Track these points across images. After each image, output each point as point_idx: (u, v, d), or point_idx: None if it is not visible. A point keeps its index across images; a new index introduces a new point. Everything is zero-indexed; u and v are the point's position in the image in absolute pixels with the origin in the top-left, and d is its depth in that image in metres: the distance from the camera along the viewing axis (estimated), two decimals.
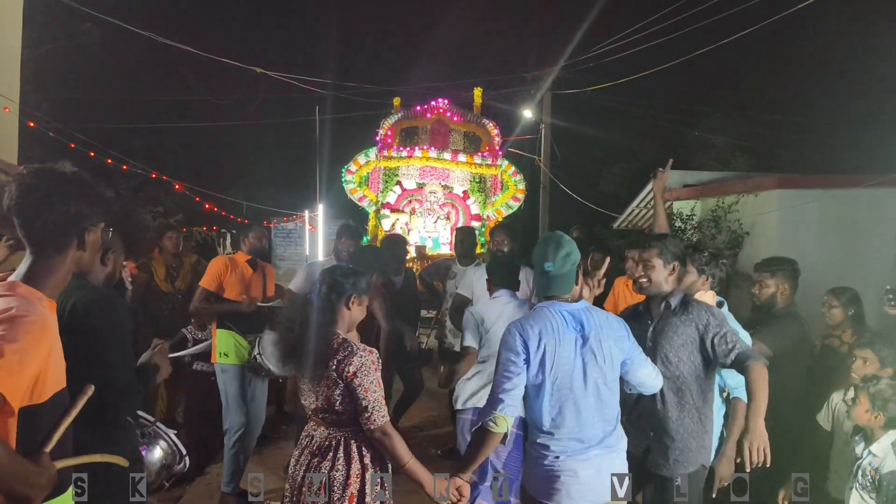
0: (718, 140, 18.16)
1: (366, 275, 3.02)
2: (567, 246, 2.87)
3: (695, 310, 3.18)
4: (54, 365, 1.83)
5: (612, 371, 2.81)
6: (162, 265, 6.42)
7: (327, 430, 2.81)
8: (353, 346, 2.76)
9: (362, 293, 2.93)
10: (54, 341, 1.84)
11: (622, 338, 2.88)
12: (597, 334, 2.79)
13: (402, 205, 12.26)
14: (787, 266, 4.32)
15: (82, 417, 2.22)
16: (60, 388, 1.87)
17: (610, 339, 2.82)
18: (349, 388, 2.70)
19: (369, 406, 2.69)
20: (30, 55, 12.12)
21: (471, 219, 12.17)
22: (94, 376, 2.22)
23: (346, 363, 2.70)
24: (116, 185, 16.16)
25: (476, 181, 12.41)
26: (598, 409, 2.77)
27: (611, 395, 2.81)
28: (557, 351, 2.74)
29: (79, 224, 1.93)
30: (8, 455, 1.66)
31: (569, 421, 2.73)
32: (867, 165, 9.31)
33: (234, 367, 4.91)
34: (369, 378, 2.71)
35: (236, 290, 4.97)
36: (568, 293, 2.87)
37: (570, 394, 2.74)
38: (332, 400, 2.73)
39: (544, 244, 2.90)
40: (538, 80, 15.04)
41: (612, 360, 2.80)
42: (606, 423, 2.79)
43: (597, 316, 2.86)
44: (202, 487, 5.23)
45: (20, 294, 1.81)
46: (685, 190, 9.64)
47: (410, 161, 12.20)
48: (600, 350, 2.78)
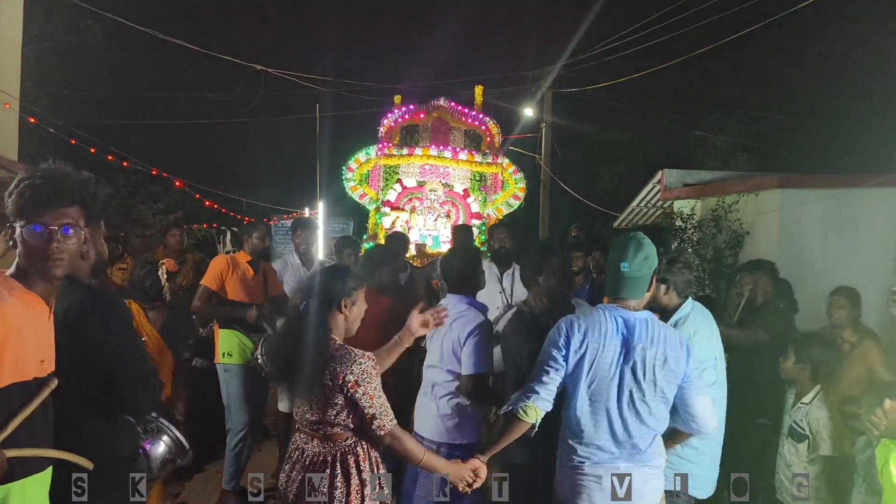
0: (719, 139, 18.15)
1: (352, 272, 2.83)
2: (647, 249, 2.74)
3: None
4: (11, 355, 1.83)
5: (652, 388, 2.65)
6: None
7: (321, 443, 2.66)
8: (350, 353, 2.62)
9: (352, 292, 2.75)
10: (11, 331, 1.84)
11: (678, 359, 2.69)
12: (644, 347, 2.65)
13: (403, 203, 12.25)
14: (762, 266, 4.60)
15: (97, 411, 2.24)
16: (20, 379, 1.87)
17: (660, 355, 2.65)
18: (351, 399, 2.57)
19: (376, 413, 2.57)
20: (31, 51, 12.12)
21: (471, 217, 12.16)
22: (109, 376, 2.25)
23: (345, 371, 2.56)
24: (116, 181, 16.20)
25: (476, 179, 12.39)
26: (632, 423, 2.65)
27: (649, 413, 2.66)
28: (599, 356, 2.66)
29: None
30: None
31: (598, 429, 2.66)
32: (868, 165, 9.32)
33: (237, 367, 4.89)
34: (372, 384, 2.59)
35: (237, 290, 4.93)
36: (638, 298, 2.75)
37: (604, 402, 2.65)
38: (328, 411, 2.59)
39: (624, 243, 2.77)
40: (539, 79, 15.05)
41: (654, 377, 2.65)
42: (641, 438, 2.67)
43: (654, 329, 2.70)
44: (200, 484, 5.23)
45: None
46: (685, 189, 9.64)
47: (411, 159, 12.18)
48: (643, 364, 2.64)
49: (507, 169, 12.46)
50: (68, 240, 1.99)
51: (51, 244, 1.95)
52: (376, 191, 12.16)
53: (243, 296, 4.94)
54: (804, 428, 3.61)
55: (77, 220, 2.01)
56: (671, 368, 2.66)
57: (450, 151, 12.17)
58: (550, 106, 14.98)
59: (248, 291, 4.97)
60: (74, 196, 2.02)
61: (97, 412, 2.27)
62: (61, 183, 2.00)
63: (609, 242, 6.52)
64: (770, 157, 17.48)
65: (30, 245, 1.95)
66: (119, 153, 13.32)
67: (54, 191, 1.98)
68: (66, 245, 1.98)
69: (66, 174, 2.02)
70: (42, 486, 1.98)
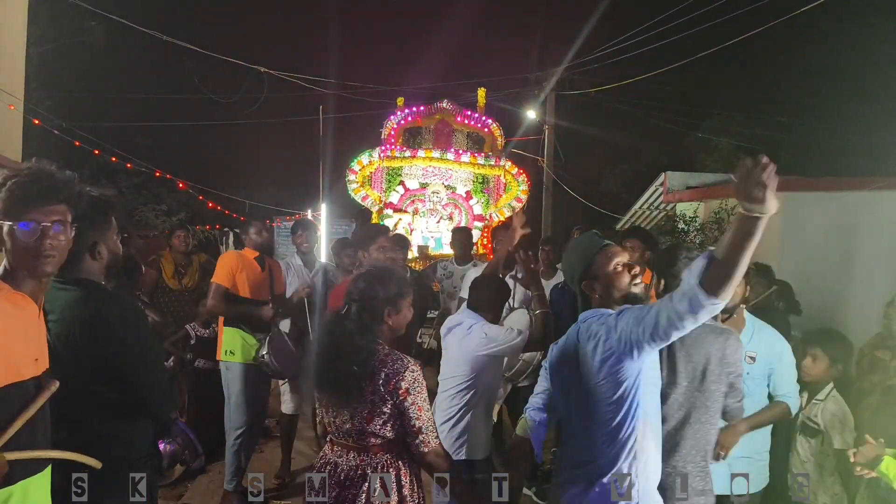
0: (721, 142, 18.16)
1: (400, 277, 2.70)
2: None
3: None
4: (3, 357, 1.83)
5: (591, 379, 2.35)
6: (170, 262, 6.45)
7: (358, 456, 2.49)
8: (403, 360, 2.47)
9: (397, 300, 2.60)
10: (6, 335, 1.84)
11: (599, 333, 2.34)
12: (580, 342, 2.42)
13: (405, 205, 12.26)
14: (755, 269, 4.50)
15: (115, 412, 2.26)
16: (13, 380, 1.87)
17: (589, 340, 2.37)
18: (399, 407, 2.42)
19: (423, 427, 2.43)
20: (34, 53, 12.14)
21: (473, 219, 12.17)
22: (132, 380, 2.28)
23: (398, 378, 2.41)
24: (120, 182, 16.24)
25: (479, 181, 12.41)
26: (579, 432, 2.44)
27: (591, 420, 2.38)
28: (559, 366, 2.55)
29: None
30: None
31: (564, 444, 2.58)
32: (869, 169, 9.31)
33: (239, 365, 4.87)
34: (423, 395, 2.45)
35: (248, 287, 4.87)
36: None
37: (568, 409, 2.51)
38: (374, 420, 2.43)
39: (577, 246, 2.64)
40: (542, 81, 15.07)
41: (591, 366, 2.35)
42: (582, 449, 2.42)
43: (591, 324, 2.42)
44: (204, 485, 5.24)
45: None
46: (688, 192, 9.65)
47: (413, 161, 12.20)
48: (584, 361, 2.40)
49: (510, 171, 12.48)
50: (59, 236, 1.99)
51: (43, 241, 1.95)
52: (379, 193, 12.17)
53: (253, 293, 4.90)
54: (818, 423, 3.59)
55: (65, 218, 2.02)
56: (597, 344, 2.38)
57: (452, 153, 12.19)
58: (553, 108, 15.00)
59: (258, 288, 4.92)
60: (61, 194, 2.02)
61: (115, 413, 2.30)
62: (49, 180, 1.99)
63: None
64: (772, 160, 17.43)
65: (20, 242, 1.94)
66: (123, 154, 13.35)
67: (44, 188, 1.98)
68: (57, 242, 1.98)
69: (52, 172, 2.02)
70: (43, 485, 1.98)
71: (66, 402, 2.05)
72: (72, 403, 2.10)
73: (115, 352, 2.24)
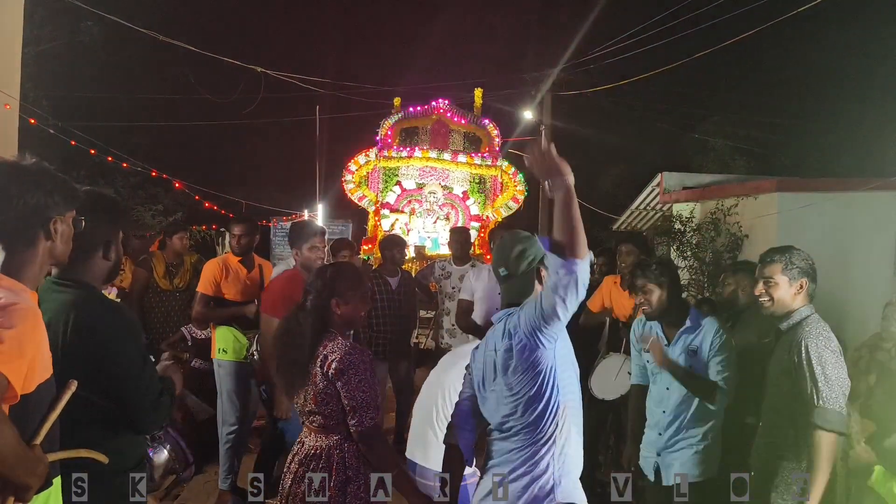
0: (718, 142, 18.20)
1: (345, 272, 2.85)
2: (522, 243, 2.48)
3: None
4: (42, 354, 1.83)
5: (510, 376, 2.34)
6: (162, 262, 6.39)
7: (317, 436, 2.69)
8: (341, 343, 2.65)
9: (345, 292, 2.76)
10: (41, 330, 1.84)
11: (508, 329, 2.35)
12: (496, 342, 2.43)
13: (402, 205, 12.26)
14: (745, 267, 4.48)
15: (104, 421, 2.22)
16: (46, 378, 1.86)
17: (503, 338, 2.37)
18: (335, 387, 2.58)
19: (356, 407, 2.56)
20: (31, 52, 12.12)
21: (470, 219, 12.17)
22: (120, 393, 2.22)
23: (332, 359, 2.58)
24: (116, 182, 16.22)
25: (476, 182, 12.41)
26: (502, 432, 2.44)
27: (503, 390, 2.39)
28: (479, 367, 2.55)
29: (41, 214, 1.91)
30: (19, 441, 1.67)
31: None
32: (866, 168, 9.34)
33: (231, 363, 4.90)
34: (357, 377, 2.57)
35: (234, 291, 4.95)
36: (526, 297, 2.45)
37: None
38: (318, 400, 2.61)
39: (497, 247, 2.58)
40: (538, 82, 15.07)
41: (508, 363, 2.34)
42: (500, 415, 2.42)
43: (503, 319, 2.46)
44: (200, 486, 5.24)
45: (5, 286, 1.81)
46: (685, 192, 9.66)
47: (410, 161, 12.20)
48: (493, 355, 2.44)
49: (507, 171, 12.48)
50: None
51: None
52: (376, 193, 12.17)
53: (242, 295, 4.96)
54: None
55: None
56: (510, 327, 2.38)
57: (449, 153, 12.19)
58: (550, 109, 15.00)
59: (244, 290, 4.97)
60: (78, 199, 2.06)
61: (104, 422, 2.24)
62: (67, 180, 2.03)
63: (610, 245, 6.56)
64: (769, 161, 17.53)
65: (70, 237, 2.00)
66: (119, 154, 13.34)
67: (73, 187, 2.01)
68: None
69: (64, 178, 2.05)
70: (58, 488, 1.98)
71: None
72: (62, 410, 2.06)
73: (106, 362, 2.19)
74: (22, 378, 1.69)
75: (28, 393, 1.76)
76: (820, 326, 2.94)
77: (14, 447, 1.64)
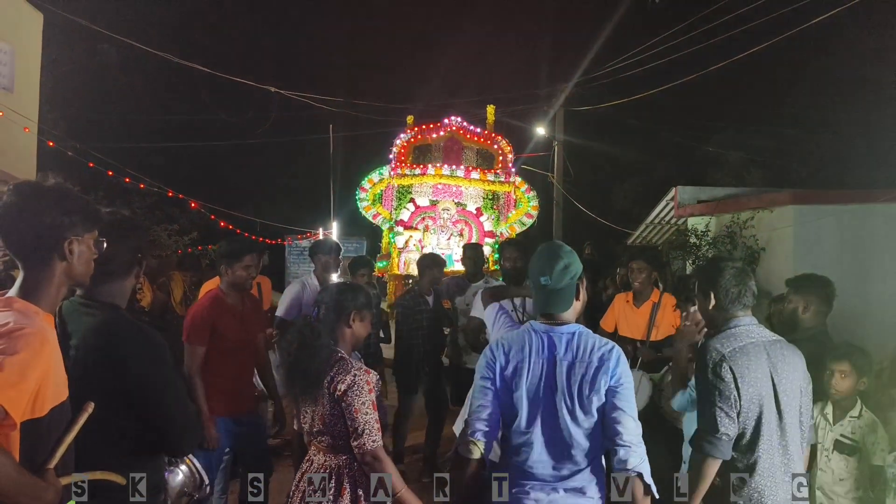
0: (732, 155, 18.12)
1: (362, 291, 2.92)
2: (566, 257, 2.56)
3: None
4: (53, 378, 1.82)
5: (581, 405, 2.44)
6: (180, 286, 6.39)
7: (324, 456, 2.71)
8: (348, 364, 2.68)
9: (363, 308, 2.85)
10: (53, 354, 1.82)
11: (603, 370, 2.45)
12: (570, 363, 2.47)
13: (416, 222, 12.28)
14: (816, 282, 3.89)
15: (127, 444, 2.21)
16: (60, 401, 1.85)
17: (586, 370, 2.44)
18: (340, 408, 2.61)
19: (360, 428, 2.58)
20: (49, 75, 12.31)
21: (484, 236, 12.17)
22: (152, 416, 2.22)
23: (338, 380, 2.61)
24: (133, 203, 16.38)
25: (489, 198, 12.42)
26: (566, 447, 2.46)
27: (580, 433, 2.46)
28: (528, 375, 2.49)
29: (56, 234, 1.89)
30: (16, 470, 1.66)
31: (532, 452, 2.49)
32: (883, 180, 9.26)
33: None
34: (361, 398, 2.60)
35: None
36: (565, 310, 2.55)
37: (535, 424, 2.48)
38: (326, 420, 2.64)
39: (540, 255, 2.60)
40: (551, 97, 15.10)
41: (583, 394, 2.44)
42: (572, 462, 2.47)
43: (583, 342, 2.50)
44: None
45: (17, 309, 1.81)
46: (699, 206, 9.61)
47: (424, 178, 12.24)
48: (569, 381, 2.45)
49: (520, 187, 12.49)
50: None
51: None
52: (389, 210, 12.20)
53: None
54: (858, 440, 3.51)
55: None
56: (598, 380, 2.45)
57: (462, 170, 12.22)
58: (563, 124, 15.01)
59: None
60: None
61: (124, 445, 2.22)
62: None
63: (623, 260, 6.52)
64: (784, 173, 17.42)
65: (90, 258, 1.99)
66: (136, 175, 13.48)
67: (95, 209, 2.02)
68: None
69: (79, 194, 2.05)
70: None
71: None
72: (80, 432, 2.05)
73: (137, 385, 2.18)
74: (23, 405, 1.68)
75: (40, 417, 1.76)
76: None
77: (11, 476, 1.63)
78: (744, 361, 2.67)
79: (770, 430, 2.67)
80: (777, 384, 2.68)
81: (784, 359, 2.74)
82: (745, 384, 2.65)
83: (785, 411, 2.69)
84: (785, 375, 2.71)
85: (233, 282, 4.13)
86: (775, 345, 2.77)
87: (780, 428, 2.68)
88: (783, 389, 2.69)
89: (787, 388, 2.70)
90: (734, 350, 2.70)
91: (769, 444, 2.66)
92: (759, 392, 2.66)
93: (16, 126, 8.37)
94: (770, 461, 2.67)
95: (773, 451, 2.67)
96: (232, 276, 4.12)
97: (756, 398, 2.65)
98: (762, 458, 2.66)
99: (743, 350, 2.70)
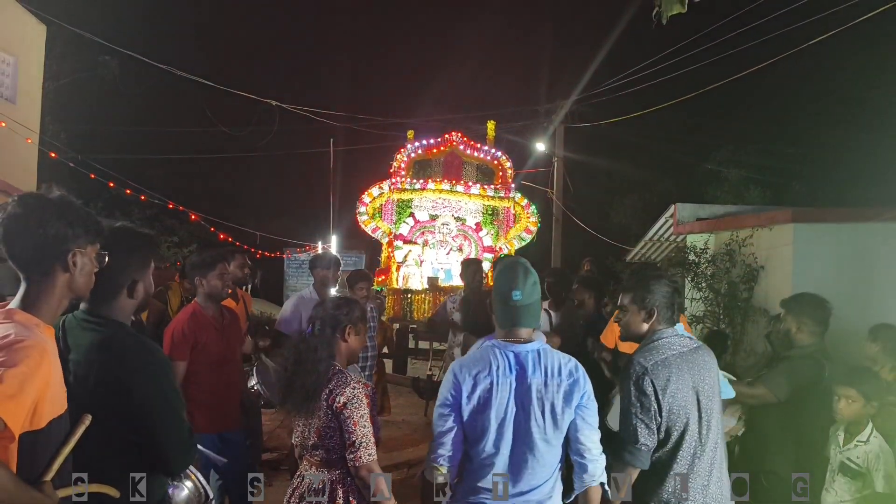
0: (731, 173, 18.16)
1: (358, 305, 2.97)
2: (534, 273, 2.58)
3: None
4: (53, 390, 1.81)
5: (555, 422, 2.45)
6: (177, 296, 6.36)
7: (318, 470, 2.73)
8: (346, 377, 2.71)
9: (357, 322, 2.89)
10: (53, 366, 1.82)
11: (570, 392, 2.47)
12: (540, 382, 2.45)
13: (415, 236, 12.29)
14: (806, 304, 3.89)
15: (129, 458, 2.19)
16: (58, 413, 1.85)
17: (558, 388, 2.46)
18: (338, 420, 2.64)
19: (357, 441, 2.61)
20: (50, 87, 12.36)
21: (483, 251, 12.17)
22: (151, 433, 2.19)
23: (337, 393, 2.65)
24: (133, 214, 16.42)
25: (489, 213, 12.44)
26: (531, 463, 2.45)
27: (549, 450, 2.47)
28: (496, 395, 2.45)
29: (59, 246, 1.89)
30: (13, 482, 1.65)
31: (494, 470, 2.47)
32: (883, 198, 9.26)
33: None
34: (359, 412, 2.64)
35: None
36: (532, 327, 2.56)
37: (503, 443, 2.45)
38: (322, 433, 2.68)
39: (510, 270, 2.58)
40: (551, 114, 15.15)
41: (553, 412, 2.44)
42: (535, 478, 2.47)
43: (549, 360, 2.51)
44: None
45: (17, 321, 1.81)
46: (698, 223, 9.61)
47: (423, 193, 12.26)
48: (540, 399, 2.44)
49: (520, 203, 12.50)
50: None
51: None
52: (389, 224, 12.21)
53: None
54: (862, 465, 3.49)
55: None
56: (569, 400, 2.47)
57: (462, 185, 12.24)
58: (562, 140, 15.06)
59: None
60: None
61: (128, 460, 2.19)
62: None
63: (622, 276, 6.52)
64: (783, 191, 17.46)
65: (91, 271, 1.99)
66: (136, 186, 13.50)
67: (97, 221, 2.01)
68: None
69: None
70: None
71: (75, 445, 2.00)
72: (79, 446, 2.04)
73: (138, 402, 2.15)
74: (22, 417, 1.68)
75: (39, 429, 1.75)
76: None
77: (8, 488, 1.63)
78: (665, 374, 2.70)
79: (693, 436, 2.71)
80: (700, 392, 2.73)
81: (705, 364, 2.80)
82: (667, 396, 2.68)
83: (710, 415, 2.74)
84: (705, 381, 2.76)
85: (209, 293, 4.06)
86: (696, 352, 2.81)
87: (706, 430, 2.72)
88: (706, 394, 2.74)
89: (708, 392, 2.75)
90: (656, 363, 2.72)
91: (694, 446, 2.70)
92: (682, 402, 2.69)
93: (18, 137, 8.39)
94: (698, 463, 2.70)
95: (699, 454, 2.70)
96: (207, 286, 4.05)
97: (680, 408, 2.69)
98: (689, 460, 2.70)
99: (665, 363, 2.72)
